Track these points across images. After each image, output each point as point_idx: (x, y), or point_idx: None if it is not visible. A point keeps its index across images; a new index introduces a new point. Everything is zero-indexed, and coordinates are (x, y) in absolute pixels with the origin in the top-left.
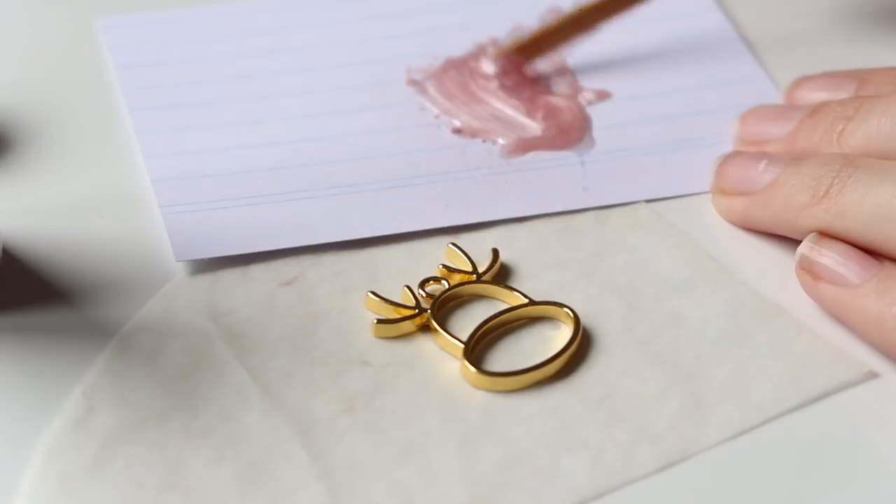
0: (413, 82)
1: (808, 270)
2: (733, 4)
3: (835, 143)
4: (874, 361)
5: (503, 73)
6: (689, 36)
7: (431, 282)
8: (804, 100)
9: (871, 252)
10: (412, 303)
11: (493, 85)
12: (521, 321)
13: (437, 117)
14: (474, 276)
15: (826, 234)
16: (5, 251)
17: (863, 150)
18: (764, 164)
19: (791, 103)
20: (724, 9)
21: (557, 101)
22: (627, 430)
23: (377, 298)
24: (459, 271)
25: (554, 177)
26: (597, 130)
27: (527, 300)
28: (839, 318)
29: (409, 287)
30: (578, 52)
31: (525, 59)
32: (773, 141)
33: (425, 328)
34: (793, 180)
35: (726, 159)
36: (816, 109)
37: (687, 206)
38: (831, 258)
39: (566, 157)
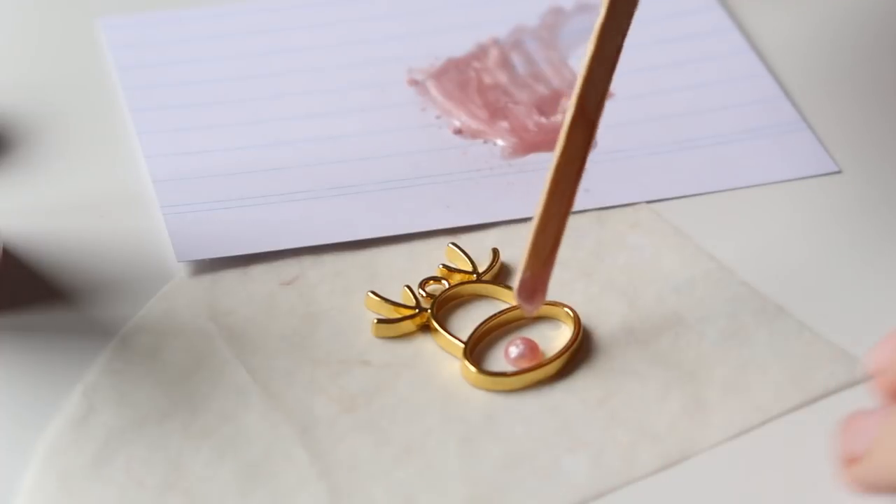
0: (414, 83)
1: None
2: (735, 3)
3: None
4: None
5: None
6: (691, 35)
7: (431, 281)
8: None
9: None
10: (412, 303)
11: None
12: (522, 321)
13: (438, 118)
14: (474, 275)
15: None
16: (5, 251)
17: None
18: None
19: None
20: (725, 7)
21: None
22: (628, 430)
23: (377, 298)
24: (460, 271)
25: None
26: (598, 130)
27: None
28: None
29: (409, 287)
30: (579, 51)
31: None
32: None
33: (425, 328)
34: None
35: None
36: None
37: (687, 206)
38: None
39: None
